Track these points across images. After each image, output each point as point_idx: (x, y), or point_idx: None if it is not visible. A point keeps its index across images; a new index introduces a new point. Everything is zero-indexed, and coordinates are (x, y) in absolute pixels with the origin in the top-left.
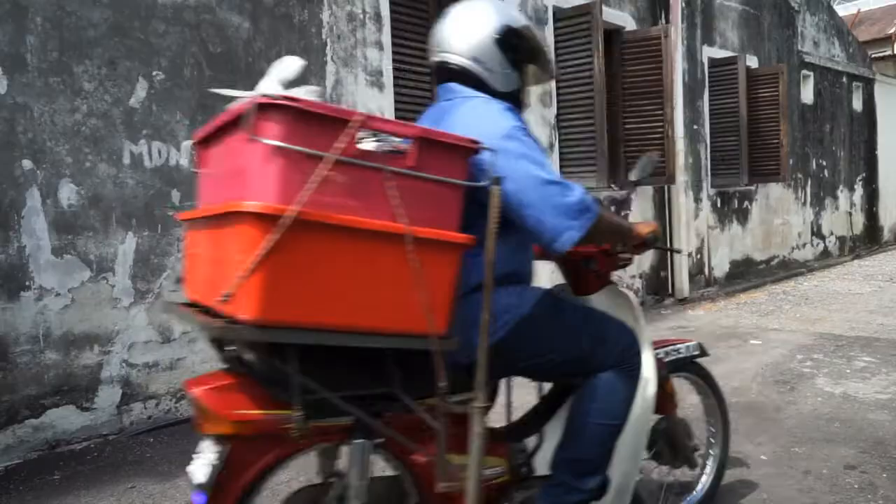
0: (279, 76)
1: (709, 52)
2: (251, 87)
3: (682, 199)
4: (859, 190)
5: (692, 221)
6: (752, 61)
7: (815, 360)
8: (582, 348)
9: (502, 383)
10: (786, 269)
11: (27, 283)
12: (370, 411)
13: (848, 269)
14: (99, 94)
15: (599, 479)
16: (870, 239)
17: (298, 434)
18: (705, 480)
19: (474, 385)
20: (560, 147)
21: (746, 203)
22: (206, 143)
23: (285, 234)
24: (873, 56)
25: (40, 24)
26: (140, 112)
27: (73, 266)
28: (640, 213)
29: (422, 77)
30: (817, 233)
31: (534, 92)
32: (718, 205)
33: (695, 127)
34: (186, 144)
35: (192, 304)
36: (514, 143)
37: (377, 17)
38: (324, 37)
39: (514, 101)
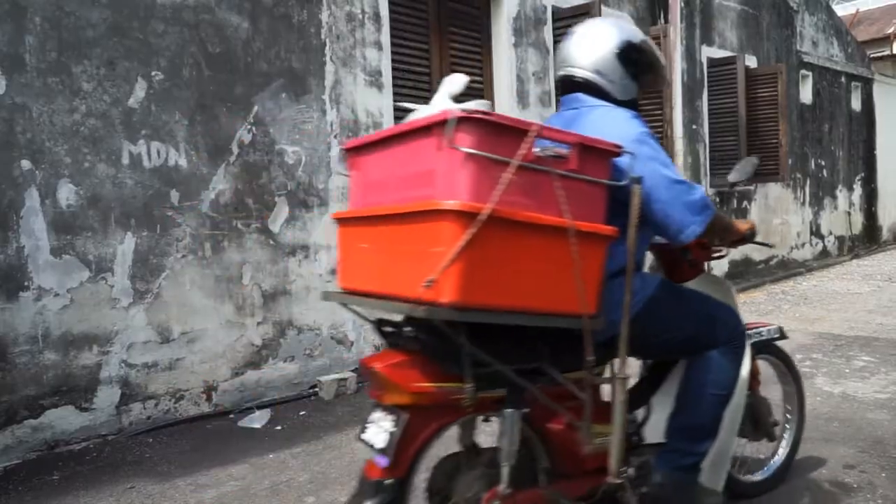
0: (449, 91)
1: (708, 52)
2: (250, 87)
3: None
4: (858, 189)
5: None
6: (751, 61)
7: (814, 360)
8: (698, 327)
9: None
10: (785, 269)
11: (26, 284)
12: (523, 384)
13: (847, 268)
14: (98, 94)
15: (710, 444)
16: (869, 239)
17: (469, 403)
18: (781, 454)
19: (609, 359)
20: None
21: (745, 203)
22: (361, 150)
23: (480, 229)
24: (872, 56)
25: (39, 25)
26: (139, 112)
27: (72, 266)
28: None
29: (420, 77)
30: (816, 232)
31: (533, 92)
32: (717, 204)
33: (694, 127)
34: (184, 146)
35: (349, 293)
36: (645, 147)
37: (376, 17)
38: (323, 37)
39: (634, 107)
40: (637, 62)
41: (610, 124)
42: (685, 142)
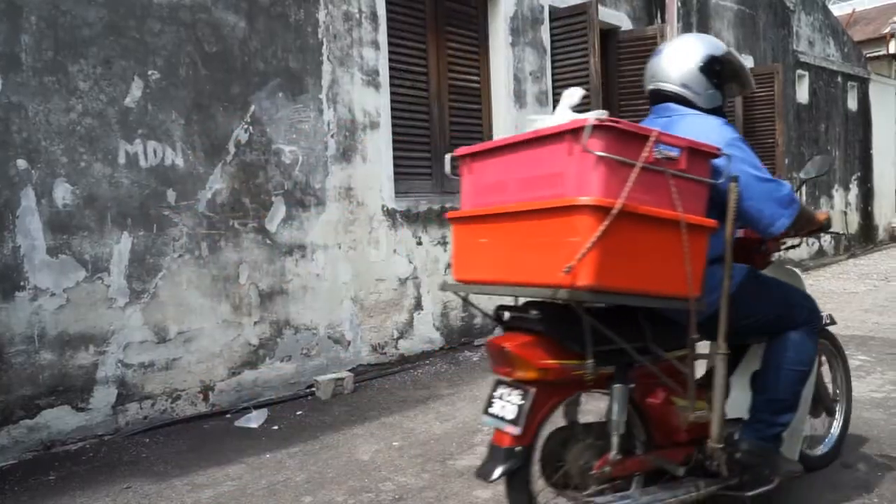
0: (569, 103)
1: None
2: (247, 86)
3: None
4: (854, 189)
5: None
6: (748, 61)
7: None
8: (780, 310)
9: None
10: None
11: (22, 284)
12: (628, 361)
13: (843, 267)
14: (94, 93)
15: (791, 416)
16: (865, 238)
17: (590, 378)
18: (836, 429)
19: (700, 340)
20: None
21: None
22: (475, 156)
23: (611, 221)
24: (868, 55)
25: (35, 24)
26: (135, 111)
27: (68, 266)
28: None
29: (418, 77)
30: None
31: (530, 91)
32: None
33: None
34: (181, 145)
35: (465, 284)
36: (737, 150)
37: (373, 17)
38: (320, 36)
39: (720, 114)
40: (720, 73)
41: (704, 131)
42: None
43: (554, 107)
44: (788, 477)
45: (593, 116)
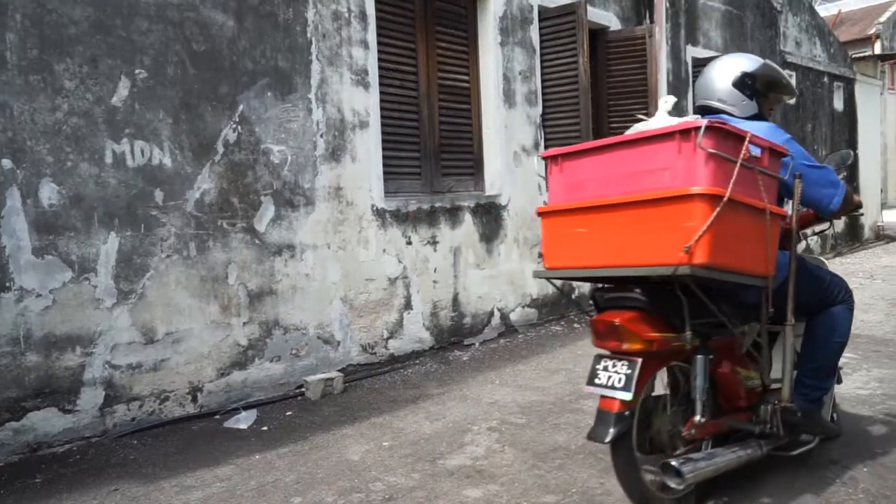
0: (666, 109)
1: (693, 52)
2: (235, 85)
3: None
4: None
5: None
6: None
7: None
8: (823, 289)
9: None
10: None
11: (7, 284)
12: (709, 335)
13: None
14: (80, 92)
15: (832, 381)
16: (851, 237)
17: (688, 349)
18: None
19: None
20: (546, 146)
21: None
22: (567, 156)
23: (717, 206)
24: (854, 56)
25: (20, 22)
26: (122, 111)
27: (55, 266)
28: None
29: (408, 76)
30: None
31: (519, 91)
32: None
33: None
34: (168, 145)
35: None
36: (792, 147)
37: (362, 16)
38: (309, 35)
39: (763, 119)
40: (753, 86)
41: (761, 135)
42: None
43: (544, 106)
44: (830, 435)
45: (692, 118)
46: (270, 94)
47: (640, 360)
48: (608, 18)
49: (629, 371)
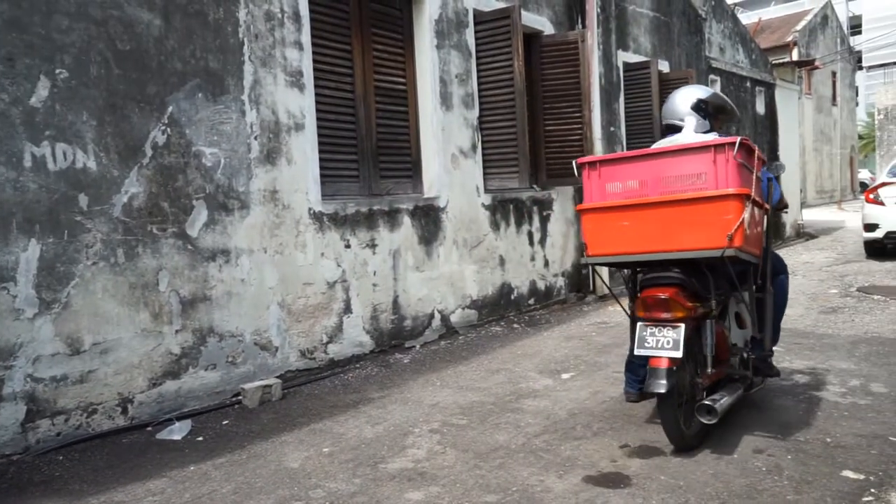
0: (692, 128)
1: (623, 57)
2: (164, 86)
3: None
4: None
5: None
6: (664, 66)
7: None
8: (776, 263)
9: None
10: None
11: None
12: (718, 301)
13: None
14: None
15: (778, 335)
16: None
17: (713, 315)
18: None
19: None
20: (483, 148)
21: None
22: (604, 163)
23: (745, 203)
24: (774, 62)
25: None
26: (42, 112)
27: None
28: (560, 212)
29: (344, 78)
30: None
31: (456, 93)
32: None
33: (611, 129)
34: (93, 147)
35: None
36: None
37: (296, 17)
38: (240, 36)
39: (716, 132)
40: (706, 109)
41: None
42: (604, 143)
43: (480, 109)
44: (776, 376)
45: (714, 136)
46: (201, 95)
47: (683, 325)
48: (542, 23)
49: (676, 335)
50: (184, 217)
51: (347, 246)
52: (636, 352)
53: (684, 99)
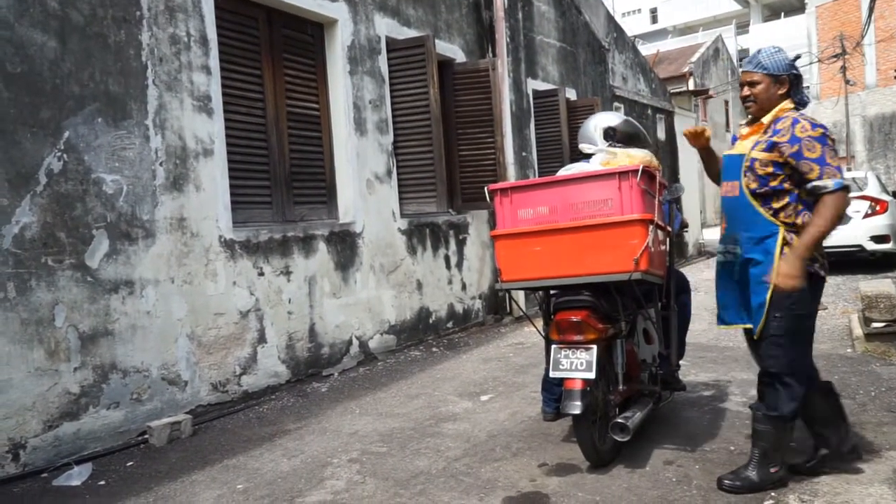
0: (598, 160)
1: (533, 85)
2: (59, 110)
3: None
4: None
5: None
6: (571, 94)
7: None
8: (680, 282)
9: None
10: None
11: None
12: (626, 322)
13: None
14: None
15: (684, 349)
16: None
17: (623, 336)
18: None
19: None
20: (398, 173)
21: None
22: (514, 190)
23: (649, 228)
24: (672, 91)
25: None
26: None
27: None
28: (476, 235)
29: (254, 103)
30: None
31: (370, 119)
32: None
33: (524, 154)
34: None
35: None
36: None
37: (203, 41)
38: (144, 59)
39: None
40: (614, 135)
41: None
42: (516, 167)
43: (395, 134)
44: (682, 389)
45: (598, 162)
46: (101, 119)
47: (595, 347)
48: (454, 51)
49: (589, 357)
50: (83, 247)
51: (261, 274)
52: (551, 374)
53: (596, 125)
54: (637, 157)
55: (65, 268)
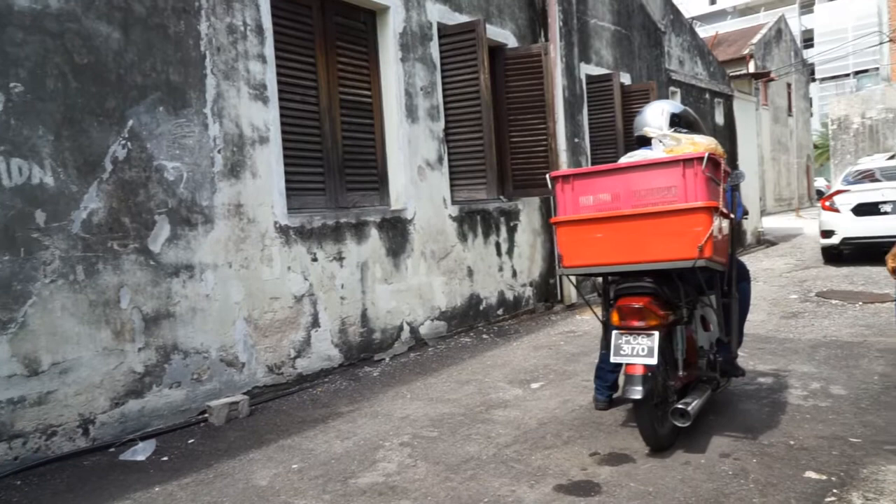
0: (662, 146)
1: (586, 69)
2: (123, 99)
3: None
4: None
5: None
6: (626, 78)
7: None
8: (741, 270)
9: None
10: None
11: None
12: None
13: None
14: None
15: (742, 339)
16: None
17: (685, 321)
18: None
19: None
20: (449, 160)
21: None
22: (577, 177)
23: (713, 215)
24: (731, 74)
25: None
26: None
27: None
28: (527, 222)
29: (308, 91)
30: None
31: (421, 106)
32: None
33: (576, 140)
34: (50, 162)
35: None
36: None
37: (259, 30)
38: (202, 49)
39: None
40: (678, 123)
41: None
42: (568, 154)
43: (446, 121)
44: (743, 374)
45: (661, 148)
46: (163, 108)
47: (657, 333)
48: (505, 36)
49: (651, 342)
50: (146, 232)
51: (314, 259)
52: (612, 359)
53: (663, 110)
54: (702, 144)
55: (129, 252)
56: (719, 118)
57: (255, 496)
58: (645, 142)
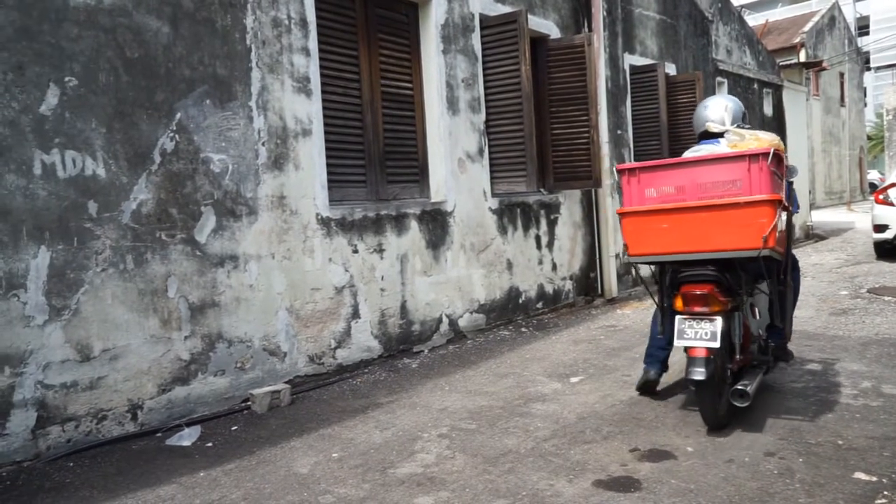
0: (727, 140)
1: (630, 60)
2: (172, 93)
3: (608, 201)
4: None
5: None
6: (671, 68)
7: None
8: (792, 259)
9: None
10: None
11: None
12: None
13: None
14: (5, 100)
15: (792, 324)
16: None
17: (743, 308)
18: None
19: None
20: (490, 152)
21: None
22: (644, 170)
23: (777, 208)
24: (781, 64)
25: None
26: (52, 119)
27: None
28: (568, 215)
29: (350, 84)
30: None
31: (462, 98)
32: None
33: (618, 132)
34: (102, 154)
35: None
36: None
37: (303, 23)
38: (248, 42)
39: None
40: (744, 117)
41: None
42: (611, 146)
43: (487, 113)
44: (793, 358)
45: (726, 143)
46: (209, 101)
47: (719, 318)
48: (548, 27)
49: (713, 327)
50: (192, 223)
51: (355, 251)
52: (676, 343)
53: (727, 107)
54: (766, 139)
55: (176, 242)
56: (768, 109)
57: (296, 483)
58: (706, 136)
